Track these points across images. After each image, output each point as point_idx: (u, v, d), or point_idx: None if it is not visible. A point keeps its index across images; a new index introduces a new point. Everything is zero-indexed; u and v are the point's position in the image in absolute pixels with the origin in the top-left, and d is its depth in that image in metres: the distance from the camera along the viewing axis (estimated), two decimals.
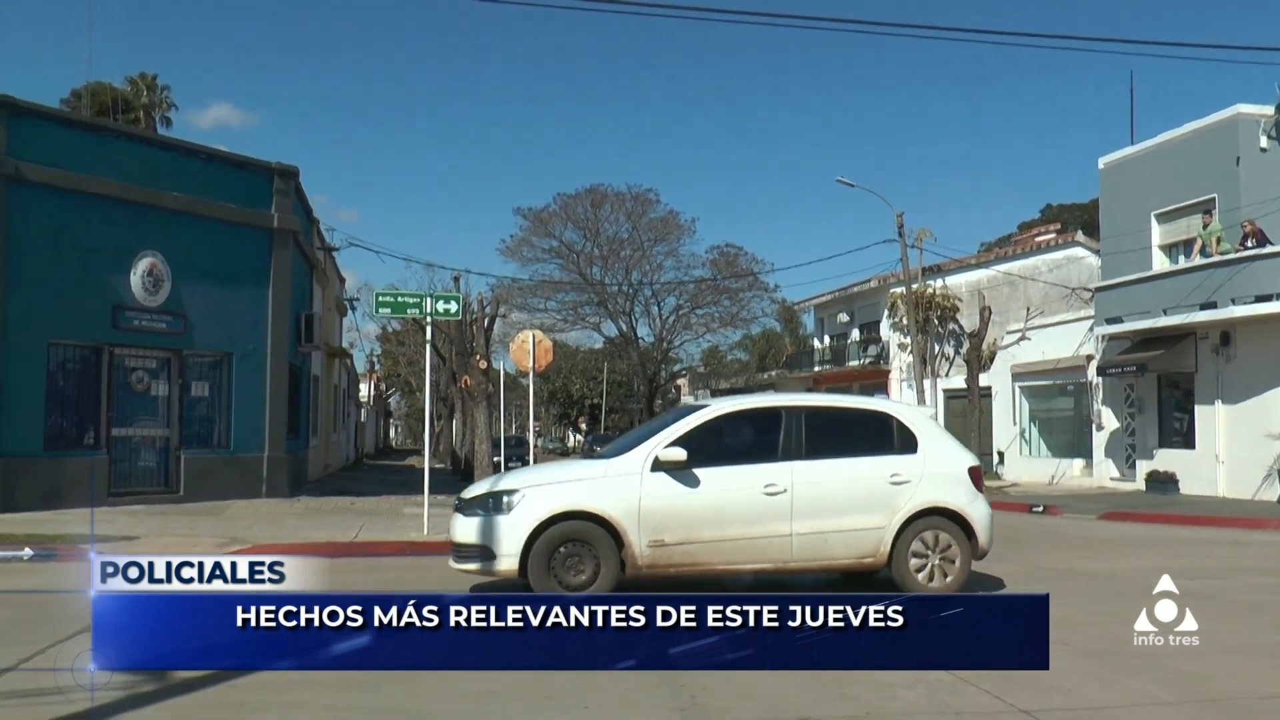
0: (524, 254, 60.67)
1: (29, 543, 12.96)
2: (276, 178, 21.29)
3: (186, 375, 19.80)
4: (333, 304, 36.27)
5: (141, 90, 50.89)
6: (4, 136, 17.20)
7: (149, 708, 6.00)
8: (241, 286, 20.52)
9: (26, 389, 17.44)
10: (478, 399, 23.46)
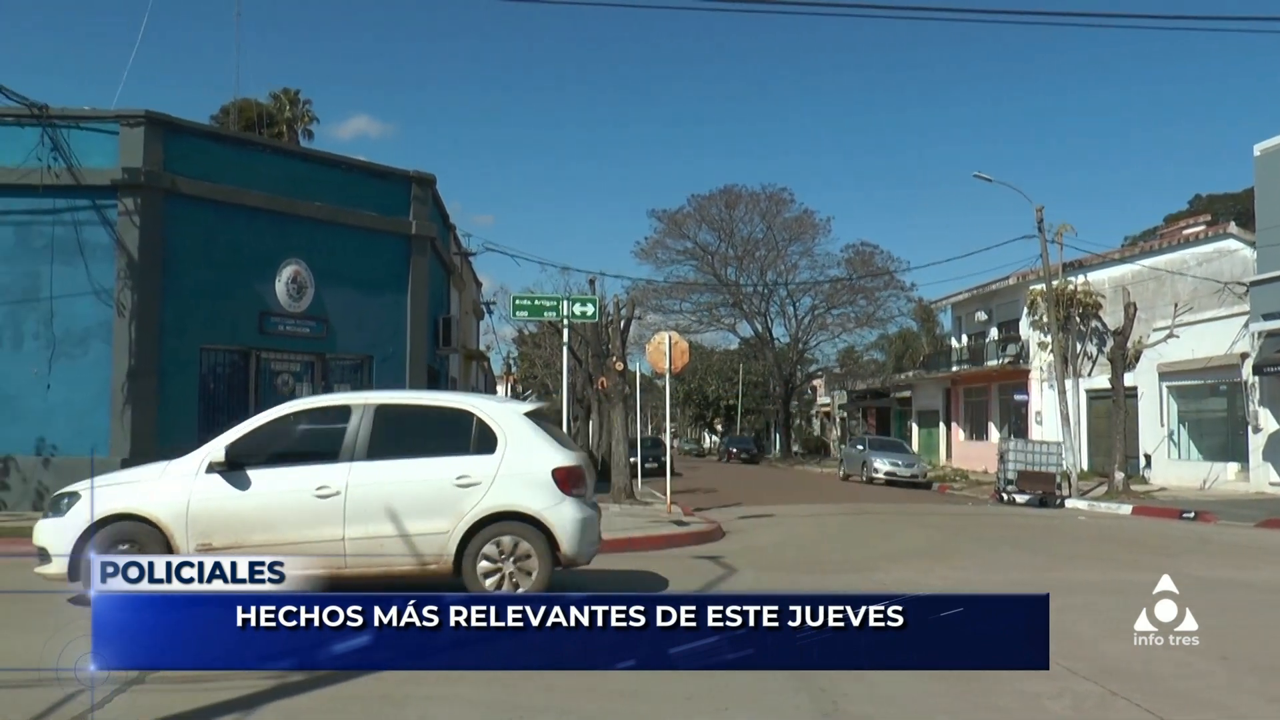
0: (659, 256, 60.98)
1: None
2: (414, 186, 21.85)
3: (329, 377, 20.47)
4: (470, 307, 36.92)
5: (285, 105, 52.47)
6: (161, 153, 18.11)
7: (299, 696, 6.22)
8: (381, 292, 21.12)
9: (181, 392, 18.28)
10: (614, 401, 23.69)
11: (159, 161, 18.03)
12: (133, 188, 17.74)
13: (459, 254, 31.68)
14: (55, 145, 17.71)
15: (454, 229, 30.54)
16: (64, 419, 17.52)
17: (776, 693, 6.52)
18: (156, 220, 17.99)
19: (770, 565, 13.23)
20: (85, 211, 17.81)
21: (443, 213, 25.96)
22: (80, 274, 17.68)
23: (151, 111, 18.12)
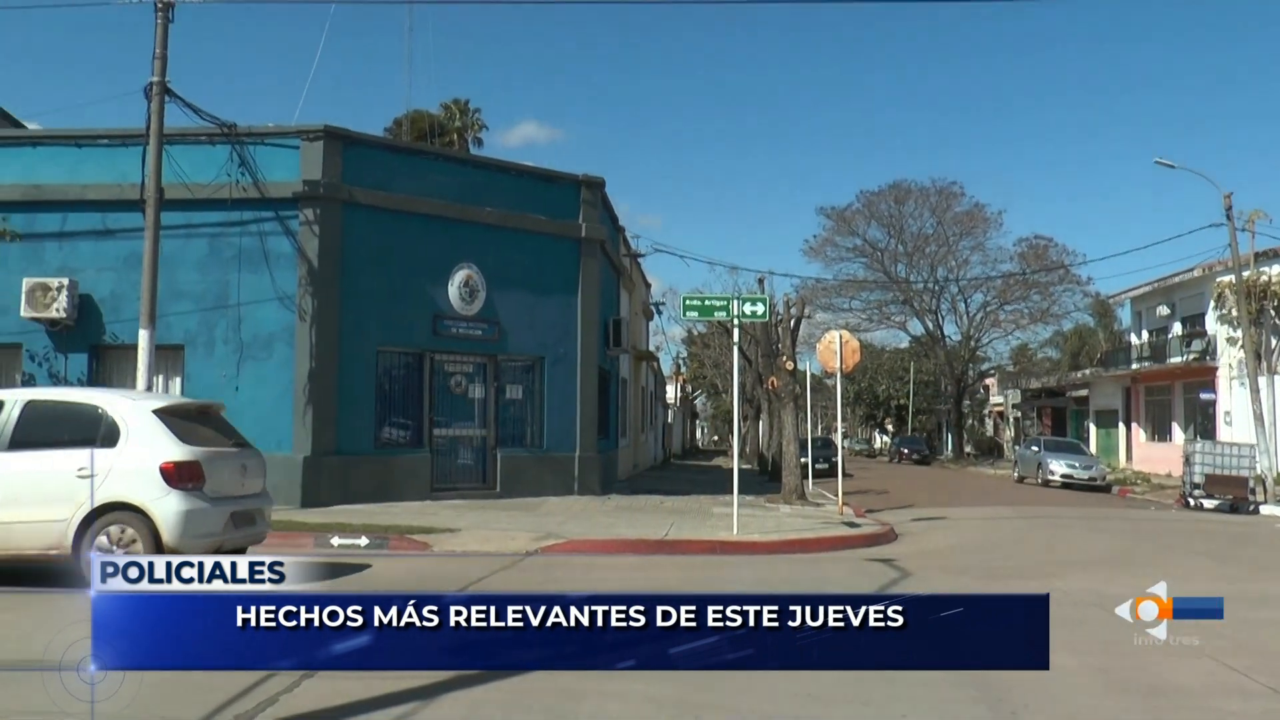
0: (827, 254, 60.39)
1: (364, 532, 14.09)
2: (583, 189, 22.17)
3: (501, 379, 20.92)
4: (639, 309, 37.21)
5: (455, 115, 53.63)
6: (339, 165, 18.85)
7: (477, 687, 6.35)
8: (552, 294, 21.49)
9: (359, 392, 18.99)
10: (784, 400, 23.60)
11: (337, 173, 18.78)
12: (313, 199, 18.54)
13: (628, 255, 31.96)
14: (242, 161, 18.62)
15: (623, 231, 30.82)
16: (251, 418, 18.23)
17: (955, 701, 6.45)
18: (335, 229, 18.75)
19: (944, 569, 12.96)
20: (269, 223, 18.70)
21: (612, 215, 26.24)
22: (265, 281, 18.56)
23: (330, 126, 18.90)
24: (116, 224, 18.85)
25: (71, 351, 19.00)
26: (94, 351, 19.09)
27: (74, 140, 19.55)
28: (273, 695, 6.06)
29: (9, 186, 19.15)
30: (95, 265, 19.00)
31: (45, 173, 19.34)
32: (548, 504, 19.40)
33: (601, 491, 22.01)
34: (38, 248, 18.96)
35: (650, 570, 12.16)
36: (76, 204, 19.07)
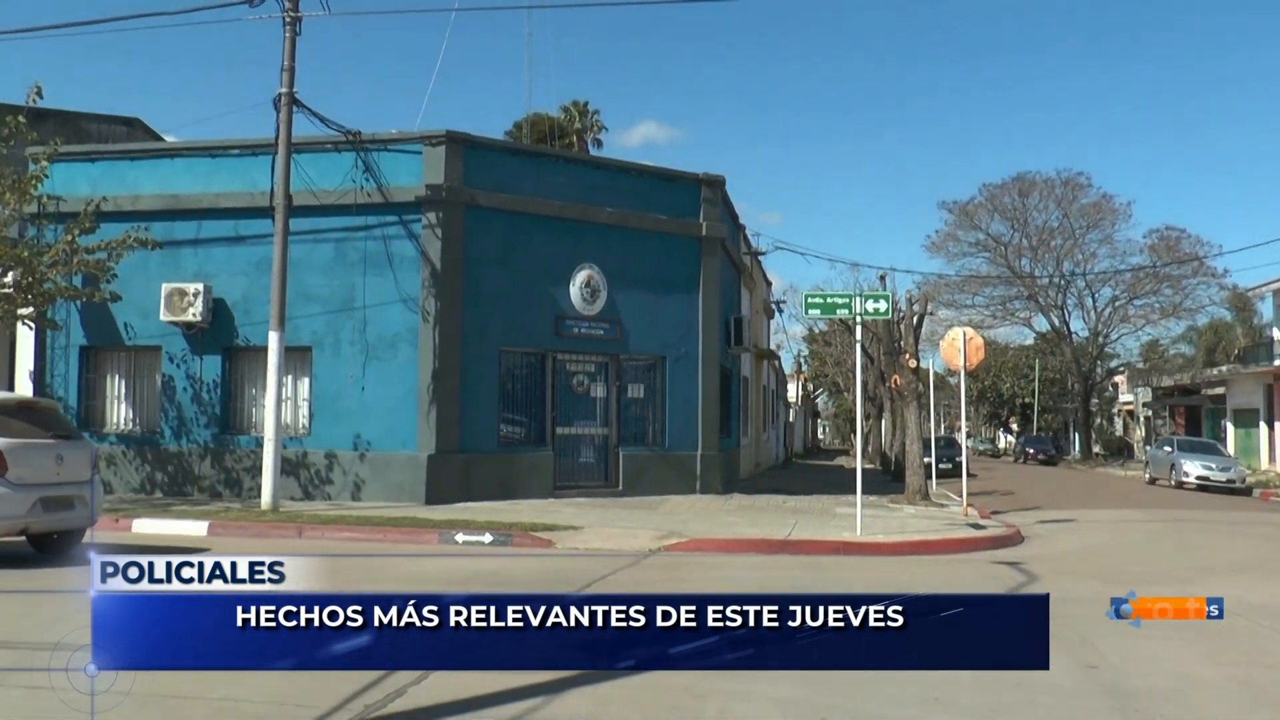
0: (950, 249, 59.46)
1: (488, 529, 14.28)
2: (703, 188, 22.12)
3: (623, 378, 21.00)
4: (760, 307, 37.07)
5: (574, 117, 54.09)
6: (461, 169, 19.13)
7: (604, 684, 6.36)
8: (673, 293, 21.49)
9: (482, 392, 19.24)
10: (907, 399, 23.29)
11: (459, 177, 19.05)
12: (435, 203, 18.84)
13: (749, 254, 31.86)
14: (367, 168, 19.04)
15: (743, 229, 30.73)
16: (377, 417, 18.81)
17: (1088, 711, 6.29)
18: (457, 232, 19.02)
19: (1073, 573, 12.52)
20: (393, 227, 19.06)
21: (732, 213, 26.17)
22: (389, 284, 18.92)
23: (452, 131, 19.17)
24: (248, 230, 19.48)
25: (206, 353, 19.71)
26: (227, 353, 19.75)
27: (208, 151, 20.26)
28: (401, 687, 6.16)
29: (150, 197, 19.97)
30: (228, 270, 19.64)
31: (182, 183, 20.07)
32: (669, 502, 19.41)
33: (723, 490, 21.95)
34: (175, 254, 19.67)
35: (772, 570, 12.06)
36: (210, 212, 19.77)
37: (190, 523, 15.35)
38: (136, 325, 20.02)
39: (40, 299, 18.13)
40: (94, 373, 20.76)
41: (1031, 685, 6.28)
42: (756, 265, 34.56)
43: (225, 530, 14.97)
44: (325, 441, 18.99)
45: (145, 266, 19.36)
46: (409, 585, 10.50)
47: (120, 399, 20.77)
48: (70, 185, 20.08)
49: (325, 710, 5.76)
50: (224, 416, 19.79)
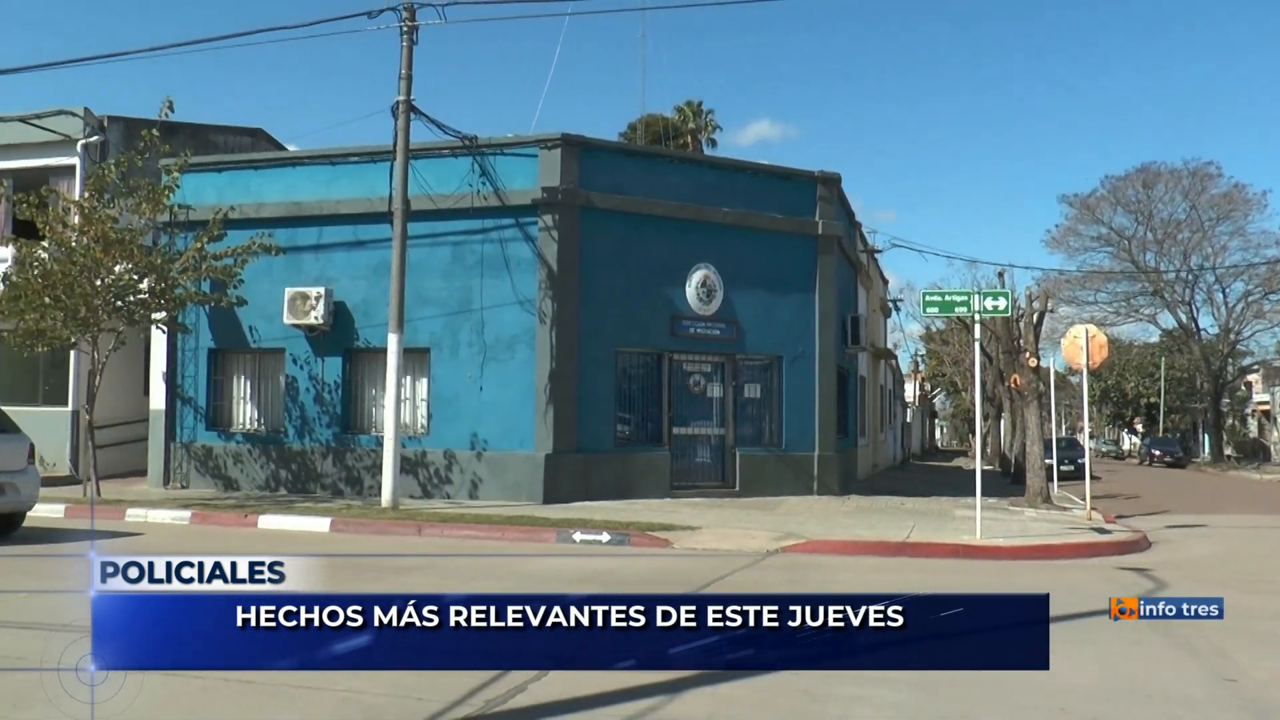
0: (1070, 244, 58.07)
1: (605, 528, 14.33)
2: (819, 185, 21.89)
3: (740, 378, 20.89)
4: (877, 305, 36.66)
5: (688, 117, 54.08)
6: (576, 171, 19.23)
7: (723, 684, 6.33)
8: (789, 292, 21.32)
9: (599, 392, 19.32)
10: (1028, 399, 22.80)
11: (574, 179, 19.15)
12: (551, 205, 18.96)
13: (865, 251, 31.51)
14: (483, 172, 19.26)
15: (859, 226, 30.39)
16: (494, 417, 19.02)
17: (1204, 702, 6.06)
18: (573, 234, 19.12)
19: (1206, 581, 12.00)
20: (510, 229, 19.24)
21: (848, 211, 25.89)
22: (506, 286, 19.11)
23: (567, 134, 19.28)
24: (367, 235, 19.86)
25: (327, 355, 20.16)
26: (347, 355, 20.15)
27: (328, 159, 20.71)
28: (522, 683, 6.20)
29: (273, 204, 20.51)
30: (348, 274, 20.05)
31: (303, 190, 20.57)
32: (786, 503, 19.27)
33: (840, 492, 21.72)
34: (297, 259, 20.16)
35: (891, 573, 11.89)
36: (331, 218, 20.21)
37: (313, 519, 15.73)
38: (261, 328, 20.58)
39: (172, 304, 18.77)
40: (221, 374, 21.38)
41: (1164, 697, 6.09)
42: (873, 263, 34.16)
43: (347, 527, 15.30)
44: (443, 441, 19.28)
45: (269, 271, 19.88)
46: (529, 584, 10.59)
47: (246, 399, 21.36)
48: (199, 194, 20.68)
49: (447, 704, 5.82)
50: (345, 416, 20.21)
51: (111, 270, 18.05)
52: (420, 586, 10.39)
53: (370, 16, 17.74)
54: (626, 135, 48.40)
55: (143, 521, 16.46)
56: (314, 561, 5.08)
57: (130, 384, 23.40)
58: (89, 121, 23.26)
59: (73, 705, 5.77)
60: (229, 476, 20.76)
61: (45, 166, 23.61)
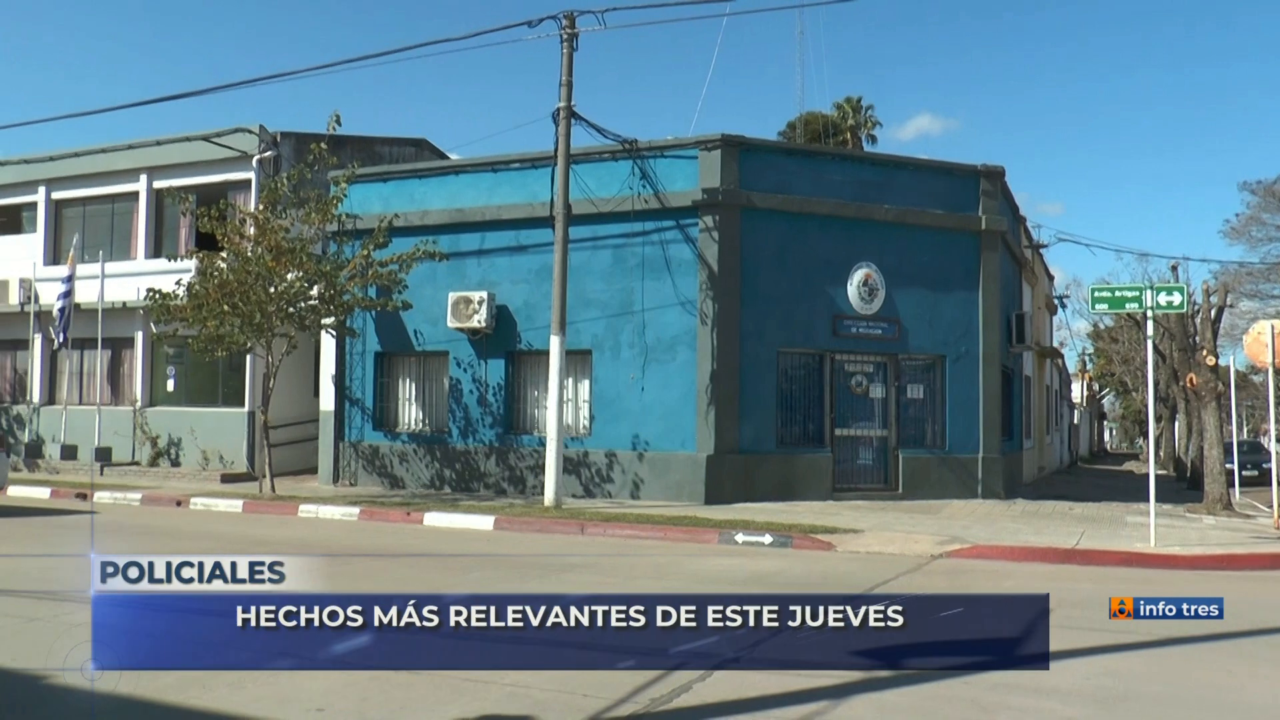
0: (1252, 234, 55.26)
1: (768, 530, 14.25)
2: (982, 180, 21.36)
3: (902, 378, 20.54)
4: (1042, 303, 35.69)
5: (847, 113, 53.61)
6: (736, 172, 19.20)
7: (887, 691, 6.27)
8: (951, 290, 20.87)
9: (760, 393, 19.22)
10: (1205, 399, 21.85)
11: (734, 180, 19.12)
12: (711, 206, 18.98)
13: (1029, 247, 30.68)
14: (643, 174, 19.39)
15: (1024, 221, 29.59)
16: (656, 418, 19.11)
17: None
18: (734, 234, 19.09)
19: None
20: (670, 231, 19.31)
21: (1012, 205, 25.22)
22: (667, 288, 19.18)
23: (727, 134, 19.25)
24: (528, 240, 20.19)
25: (490, 357, 20.55)
26: (510, 357, 20.50)
27: (490, 166, 21.11)
28: (686, 683, 6.23)
29: (437, 212, 21.06)
30: (510, 278, 20.40)
31: (466, 197, 21.02)
32: (950, 507, 18.90)
33: (1005, 495, 21.16)
34: (460, 265, 20.62)
35: (1060, 581, 11.48)
36: (493, 224, 20.63)
37: (477, 517, 16.07)
38: (425, 332, 21.11)
39: (340, 309, 19.42)
40: (387, 376, 21.99)
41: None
42: (1038, 259, 33.25)
43: (510, 525, 15.57)
44: (605, 441, 19.45)
45: (433, 277, 20.38)
46: (693, 583, 10.60)
47: (411, 400, 21.92)
48: (365, 204, 21.37)
49: (611, 701, 5.89)
50: (508, 417, 20.56)
51: (284, 278, 18.80)
52: (583, 585, 10.51)
53: (530, 26, 18.00)
54: (785, 134, 48.22)
55: (314, 517, 17.09)
56: (314, 561, 5.12)
57: (301, 386, 24.28)
58: (263, 138, 24.24)
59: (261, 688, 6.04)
60: (395, 475, 21.34)
61: (224, 181, 24.75)
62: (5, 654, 7.00)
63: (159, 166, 25.98)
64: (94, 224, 27.47)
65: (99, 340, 25.24)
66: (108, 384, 26.59)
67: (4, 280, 27.70)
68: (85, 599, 8.23)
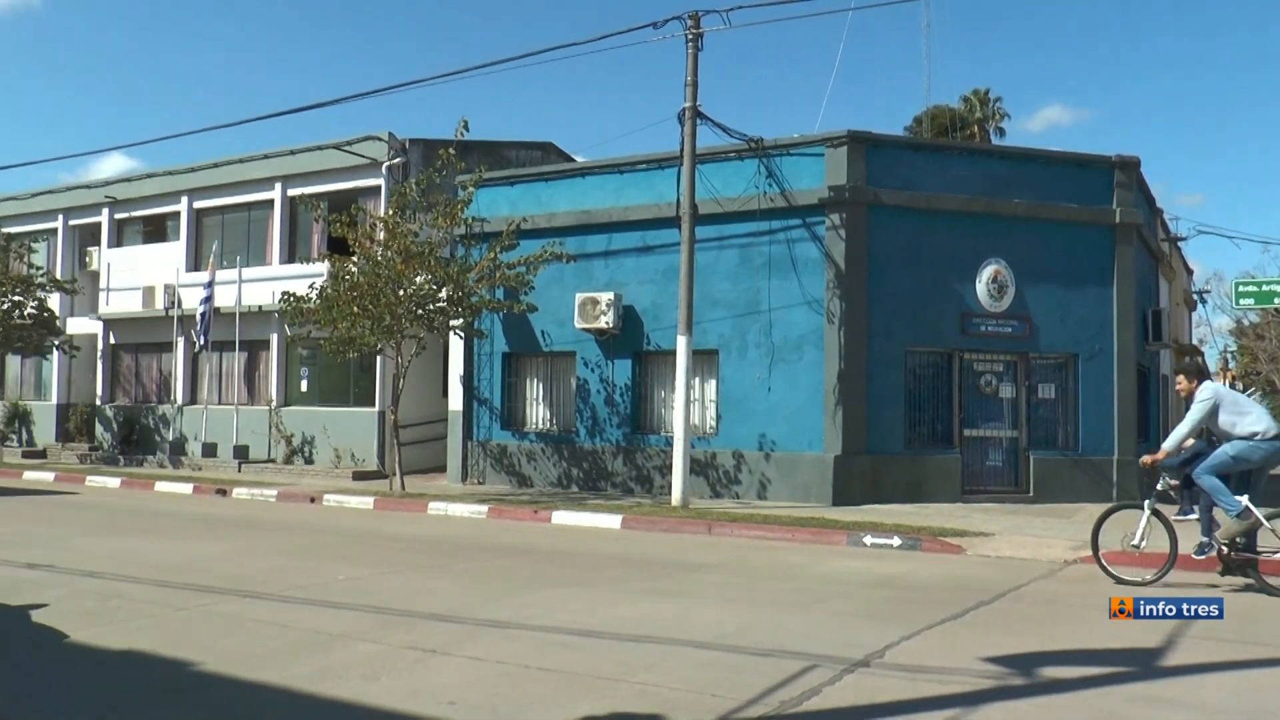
0: None
1: (896, 532, 14.09)
2: (1116, 171, 20.70)
3: (1032, 377, 20.08)
4: (1180, 298, 34.57)
5: (975, 106, 52.71)
6: (863, 168, 19.01)
7: (1020, 700, 6.14)
8: (1083, 286, 20.30)
9: (888, 392, 19.00)
10: None
11: (861, 176, 18.94)
12: (838, 204, 18.82)
13: (1167, 240, 29.74)
14: (769, 173, 19.34)
15: (1160, 213, 28.68)
16: (782, 418, 19.03)
17: None
18: (860, 232, 18.91)
19: None
20: (796, 230, 19.21)
21: (1148, 197, 24.46)
22: (793, 287, 19.08)
23: (853, 131, 19.07)
24: (655, 240, 20.29)
25: (617, 358, 20.71)
26: (636, 357, 20.63)
27: (616, 168, 21.26)
28: (816, 686, 6.21)
29: (563, 214, 21.32)
30: (637, 279, 20.52)
31: (593, 199, 21.22)
32: (1084, 511, 18.34)
33: (1143, 498, 20.46)
34: (587, 266, 20.82)
35: (1205, 592, 11.07)
36: (619, 225, 20.78)
37: (605, 516, 16.20)
38: (553, 332, 21.35)
39: (468, 311, 19.76)
40: (515, 376, 22.31)
41: None
42: (1175, 252, 32.21)
43: (638, 524, 15.66)
44: (731, 441, 19.44)
45: (560, 278, 20.60)
46: (822, 584, 10.55)
47: (538, 400, 22.21)
48: (493, 207, 21.71)
49: (741, 702, 5.87)
50: (634, 417, 20.70)
51: (413, 281, 19.19)
52: (713, 584, 10.55)
53: (655, 27, 18.05)
54: (912, 128, 47.60)
55: (443, 515, 17.42)
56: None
57: (430, 386, 24.76)
58: (392, 145, 24.79)
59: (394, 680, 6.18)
60: (522, 473, 21.62)
61: (354, 188, 25.40)
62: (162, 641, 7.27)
63: (293, 175, 26.78)
64: (232, 231, 28.43)
65: (236, 342, 26.11)
66: (245, 384, 27.46)
67: (150, 286, 28.82)
68: (231, 591, 8.55)
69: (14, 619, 7.99)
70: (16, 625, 7.81)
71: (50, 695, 6.00)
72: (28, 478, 23.89)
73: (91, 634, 7.45)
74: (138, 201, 30.73)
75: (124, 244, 31.40)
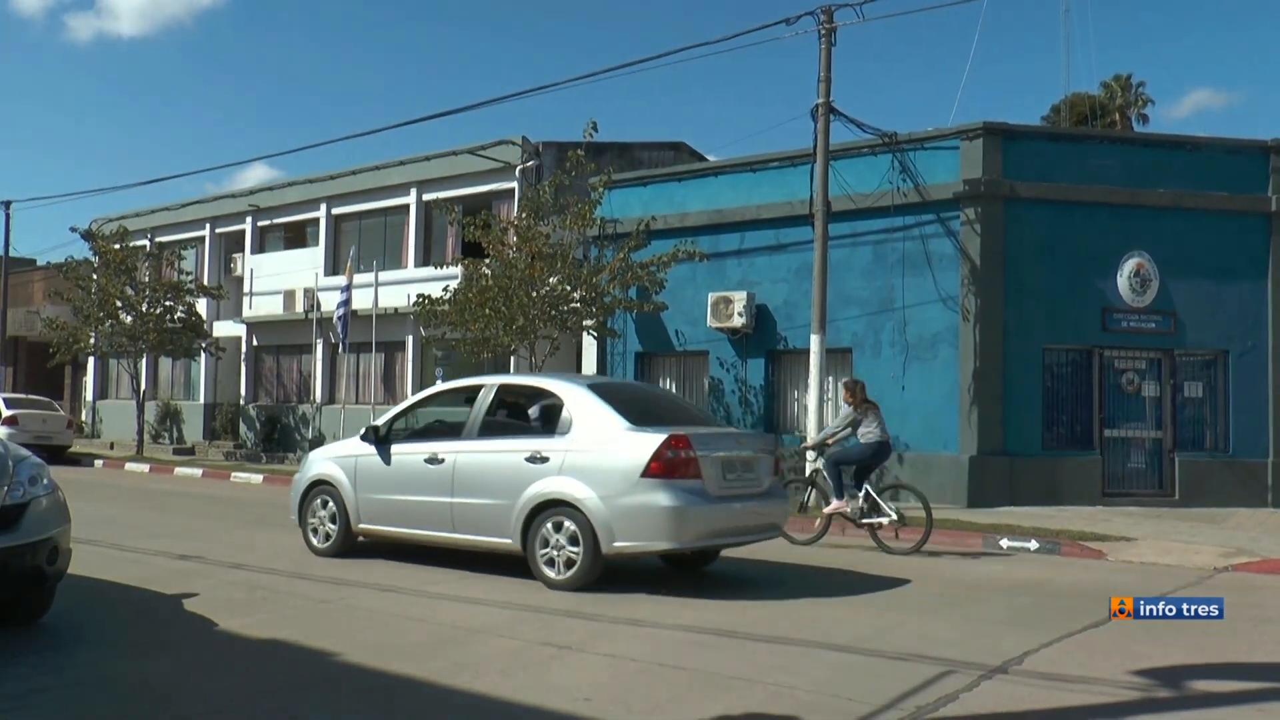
0: None
1: (1034, 535, 13.77)
2: (1272, 156, 19.68)
3: (1178, 375, 19.40)
4: None
5: (1116, 93, 51.11)
6: (999, 161, 18.62)
7: (1167, 713, 5.96)
8: (1235, 279, 19.43)
9: (1025, 391, 18.57)
10: None
11: (997, 169, 18.55)
12: (974, 198, 18.48)
13: None
14: (903, 168, 19.09)
15: None
16: (916, 418, 18.70)
17: None
18: (997, 226, 18.53)
19: None
20: (930, 225, 18.93)
21: None
22: (927, 283, 18.80)
23: (989, 122, 18.71)
24: (787, 238, 20.20)
25: (750, 357, 20.67)
26: (770, 356, 20.57)
27: (748, 166, 21.24)
28: (953, 692, 6.08)
29: (695, 213, 21.37)
30: (769, 278, 20.45)
31: (725, 198, 21.23)
32: (1235, 516, 17.66)
33: None
34: (720, 265, 20.83)
35: None
36: (752, 223, 20.76)
37: None
38: (686, 332, 21.39)
39: (601, 311, 19.93)
40: (647, 376, 22.40)
41: None
42: None
43: None
44: None
45: (693, 277, 20.64)
46: (956, 589, 10.34)
47: None
48: (624, 208, 21.84)
49: (876, 707, 5.78)
50: (768, 416, 20.63)
51: (546, 282, 19.38)
52: (845, 585, 10.41)
53: (788, 24, 17.91)
54: (1049, 118, 46.45)
55: None
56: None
57: None
58: (525, 149, 25.10)
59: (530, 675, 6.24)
60: None
61: (488, 192, 25.81)
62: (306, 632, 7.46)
63: (427, 180, 27.33)
64: (368, 236, 29.14)
65: (373, 344, 26.68)
66: (381, 385, 28.08)
67: (291, 290, 29.68)
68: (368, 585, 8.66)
69: (168, 608, 8.29)
70: (171, 613, 8.10)
71: (211, 685, 6.18)
72: (178, 473, 24.75)
73: (239, 623, 7.68)
74: (279, 209, 31.76)
75: (266, 250, 32.45)
